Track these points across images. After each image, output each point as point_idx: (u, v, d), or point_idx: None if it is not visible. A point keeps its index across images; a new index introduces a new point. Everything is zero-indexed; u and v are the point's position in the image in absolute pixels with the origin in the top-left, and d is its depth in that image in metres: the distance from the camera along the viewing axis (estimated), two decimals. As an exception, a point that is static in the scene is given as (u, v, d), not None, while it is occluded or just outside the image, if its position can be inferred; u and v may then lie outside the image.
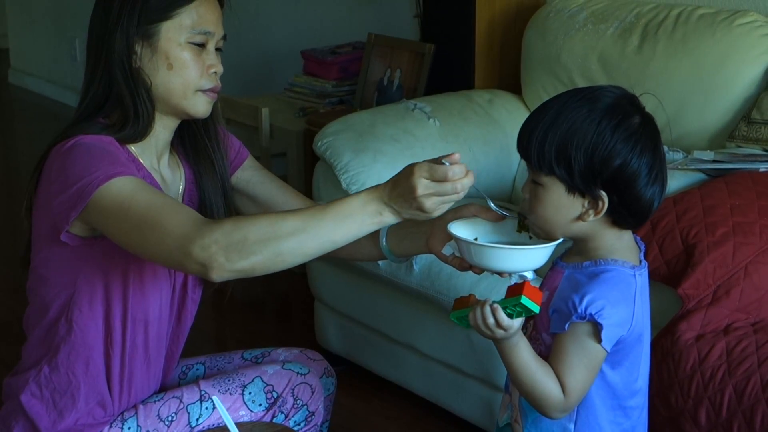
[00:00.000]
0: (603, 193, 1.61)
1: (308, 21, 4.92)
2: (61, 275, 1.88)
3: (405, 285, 2.82)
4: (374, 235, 1.93)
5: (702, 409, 2.14)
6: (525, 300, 1.58)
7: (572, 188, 1.62)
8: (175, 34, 1.86)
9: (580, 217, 1.64)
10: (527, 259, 1.68)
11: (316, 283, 3.22)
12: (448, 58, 3.71)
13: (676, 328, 2.23)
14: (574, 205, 1.63)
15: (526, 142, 1.65)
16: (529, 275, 1.70)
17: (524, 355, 1.63)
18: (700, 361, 2.18)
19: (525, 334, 1.77)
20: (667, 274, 2.34)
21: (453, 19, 3.67)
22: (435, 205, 1.63)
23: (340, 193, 3.02)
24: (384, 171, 3.04)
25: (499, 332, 1.61)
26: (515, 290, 1.60)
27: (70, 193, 1.75)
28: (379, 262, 2.86)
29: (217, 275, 1.64)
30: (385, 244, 1.95)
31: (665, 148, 2.88)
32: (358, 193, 1.67)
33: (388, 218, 1.65)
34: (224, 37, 1.93)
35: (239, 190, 2.09)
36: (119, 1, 1.86)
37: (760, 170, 2.57)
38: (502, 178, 3.26)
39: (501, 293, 2.62)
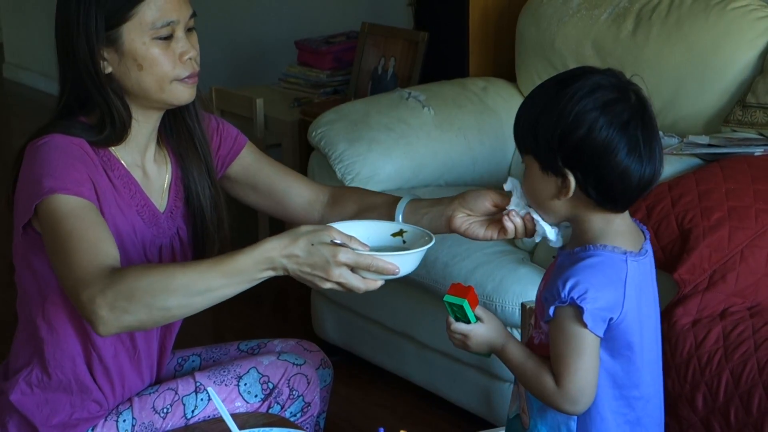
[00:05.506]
0: (566, 170, 1.61)
1: (302, 10, 4.90)
2: (31, 270, 1.85)
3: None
4: (390, 214, 1.91)
5: (699, 394, 2.13)
6: (447, 297, 1.65)
7: (545, 167, 1.63)
8: (138, 35, 1.79)
9: (557, 196, 1.64)
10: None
11: (312, 274, 3.21)
12: (442, 46, 3.70)
13: (673, 314, 2.23)
14: (549, 183, 1.64)
15: (513, 124, 1.68)
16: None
17: (514, 354, 1.68)
18: (696, 346, 2.17)
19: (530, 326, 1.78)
20: (662, 259, 2.33)
21: (446, 7, 3.66)
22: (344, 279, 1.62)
23: (335, 183, 3.02)
24: (378, 160, 3.04)
25: (458, 337, 1.70)
26: None
27: (27, 191, 1.73)
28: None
29: (103, 330, 1.62)
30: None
31: (660, 133, 2.91)
32: (254, 247, 1.63)
33: (280, 272, 1.64)
34: (193, 15, 1.85)
35: (239, 179, 2.05)
36: (75, 10, 1.81)
37: (756, 154, 2.56)
38: (498, 166, 3.25)
39: (495, 281, 2.64)
